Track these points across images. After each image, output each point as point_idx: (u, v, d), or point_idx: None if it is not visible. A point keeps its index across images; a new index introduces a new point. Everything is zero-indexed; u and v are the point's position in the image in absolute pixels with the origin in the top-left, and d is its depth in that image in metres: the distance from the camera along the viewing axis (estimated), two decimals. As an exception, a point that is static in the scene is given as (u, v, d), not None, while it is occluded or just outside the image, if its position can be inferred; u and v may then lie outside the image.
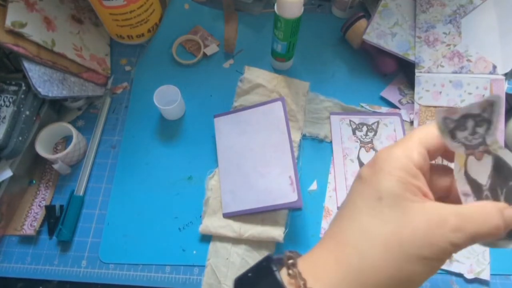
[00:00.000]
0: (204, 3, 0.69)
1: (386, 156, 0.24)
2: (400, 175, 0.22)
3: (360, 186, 0.24)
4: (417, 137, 0.24)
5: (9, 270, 0.48)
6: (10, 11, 0.47)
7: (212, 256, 0.49)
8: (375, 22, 0.59)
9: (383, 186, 0.22)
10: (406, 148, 0.23)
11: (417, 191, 0.22)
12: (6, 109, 0.48)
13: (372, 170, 0.24)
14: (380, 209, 0.22)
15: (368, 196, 0.23)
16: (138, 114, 0.59)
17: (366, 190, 0.23)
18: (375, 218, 0.22)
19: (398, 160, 0.23)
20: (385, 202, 0.22)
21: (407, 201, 0.22)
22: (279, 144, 0.51)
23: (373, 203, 0.22)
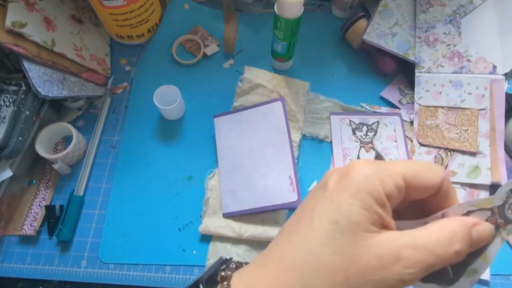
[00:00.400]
0: (204, 3, 0.69)
1: (359, 172, 0.22)
2: (365, 201, 0.20)
3: (322, 198, 0.22)
4: (402, 166, 0.22)
5: (9, 270, 0.48)
6: (10, 11, 0.47)
7: (212, 256, 0.49)
8: (375, 22, 0.59)
9: (343, 208, 0.20)
10: (384, 173, 0.21)
11: (377, 221, 0.21)
12: (6, 109, 0.48)
13: (340, 183, 0.22)
14: (334, 236, 0.20)
15: (326, 215, 0.21)
16: (138, 114, 0.59)
17: (326, 207, 0.21)
18: (326, 246, 0.20)
19: (369, 183, 0.21)
20: (340, 228, 0.20)
21: (363, 231, 0.20)
22: (279, 144, 0.51)
23: (328, 226, 0.21)
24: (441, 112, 0.56)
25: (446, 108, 0.56)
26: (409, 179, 0.21)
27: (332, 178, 0.23)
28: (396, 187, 0.21)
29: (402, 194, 0.22)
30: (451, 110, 0.55)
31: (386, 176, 0.21)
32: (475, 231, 0.20)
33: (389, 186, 0.21)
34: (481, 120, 0.54)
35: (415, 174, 0.22)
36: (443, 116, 0.55)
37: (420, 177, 0.22)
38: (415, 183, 0.22)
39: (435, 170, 0.22)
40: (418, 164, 0.22)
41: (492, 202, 0.21)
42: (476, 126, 0.54)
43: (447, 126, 0.55)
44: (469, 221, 0.21)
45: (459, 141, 0.54)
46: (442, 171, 0.22)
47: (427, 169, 0.22)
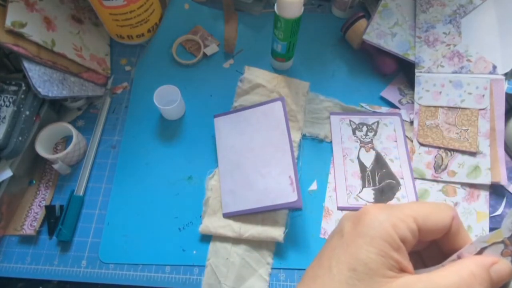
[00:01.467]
0: (204, 3, 0.69)
1: (373, 218, 0.22)
2: (380, 248, 0.21)
3: (338, 246, 0.23)
4: (412, 209, 0.22)
5: (9, 270, 0.48)
6: (10, 11, 0.47)
7: (212, 256, 0.49)
8: (375, 22, 0.59)
9: (360, 256, 0.21)
10: (395, 217, 0.22)
11: (394, 265, 0.21)
12: (6, 109, 0.48)
13: (355, 231, 0.22)
14: (353, 282, 0.21)
15: (344, 263, 0.22)
16: (138, 114, 0.59)
17: (344, 255, 0.22)
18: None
19: (383, 228, 0.21)
20: (359, 275, 0.21)
21: (381, 277, 0.21)
22: (279, 144, 0.51)
23: (347, 273, 0.21)
24: (441, 112, 0.56)
25: (446, 108, 0.56)
26: (420, 222, 0.22)
27: (347, 225, 0.23)
28: (409, 230, 0.22)
29: (416, 236, 0.22)
30: (451, 110, 0.55)
31: (398, 220, 0.22)
32: (494, 271, 0.20)
33: (402, 230, 0.21)
34: (481, 120, 0.54)
35: (426, 216, 0.22)
36: (443, 116, 0.55)
37: (431, 218, 0.22)
38: (427, 225, 0.22)
39: (445, 210, 0.23)
40: (428, 206, 0.23)
41: (501, 235, 0.21)
42: (476, 126, 0.54)
43: (447, 126, 0.55)
44: (487, 261, 0.21)
45: (459, 141, 0.54)
46: (451, 211, 0.23)
47: (437, 210, 0.23)
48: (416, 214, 0.22)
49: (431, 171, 0.53)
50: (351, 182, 0.53)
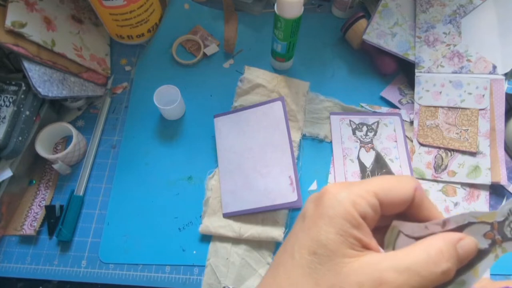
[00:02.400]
0: (204, 3, 0.69)
1: (332, 198, 0.22)
2: (339, 227, 0.20)
3: (300, 231, 0.22)
4: (373, 184, 0.22)
5: (9, 270, 0.48)
6: (10, 11, 0.47)
7: (212, 256, 0.49)
8: (375, 22, 0.59)
9: (320, 238, 0.21)
10: (356, 194, 0.21)
11: (355, 244, 0.20)
12: (6, 109, 0.48)
13: (315, 212, 0.22)
14: (314, 266, 0.20)
15: (305, 246, 0.21)
16: (138, 114, 0.59)
17: (305, 238, 0.21)
18: (308, 277, 0.20)
19: (342, 206, 0.21)
20: (320, 258, 0.20)
21: (342, 258, 0.20)
22: (279, 144, 0.51)
23: (308, 257, 0.21)
24: (441, 112, 0.56)
25: (446, 108, 0.56)
26: (381, 196, 0.22)
27: (309, 207, 0.23)
28: (369, 205, 0.21)
29: (378, 211, 0.22)
30: (451, 110, 0.55)
31: (357, 197, 0.21)
32: (460, 246, 0.20)
33: (361, 206, 0.21)
34: (481, 120, 0.54)
35: (387, 189, 0.22)
36: (443, 116, 0.55)
37: (392, 191, 0.22)
38: (388, 199, 0.22)
39: (406, 182, 0.22)
40: (389, 179, 0.22)
41: (493, 217, 0.20)
42: (476, 126, 0.54)
43: (447, 126, 0.55)
44: (454, 237, 0.20)
45: (459, 141, 0.54)
46: (413, 182, 0.22)
47: (398, 183, 0.22)
48: (376, 188, 0.22)
49: (431, 171, 0.53)
50: (351, 182, 0.53)
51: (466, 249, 0.20)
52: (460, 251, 0.20)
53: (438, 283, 0.19)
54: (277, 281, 0.22)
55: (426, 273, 0.19)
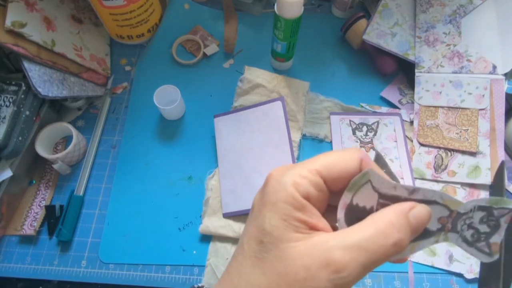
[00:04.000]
0: (204, 3, 0.69)
1: (274, 183, 0.21)
2: (282, 212, 0.20)
3: (249, 221, 0.22)
4: (315, 162, 0.21)
5: (9, 270, 0.48)
6: (10, 11, 0.47)
7: (212, 256, 0.49)
8: (375, 22, 0.59)
9: (264, 226, 0.20)
10: (298, 175, 0.20)
11: (301, 227, 0.20)
12: (6, 109, 0.48)
13: (261, 200, 0.21)
14: (261, 256, 0.20)
15: (253, 237, 0.21)
16: (138, 114, 0.59)
17: (252, 229, 0.21)
18: (256, 268, 0.20)
19: (284, 190, 0.20)
20: (266, 246, 0.20)
21: (287, 243, 0.19)
22: (279, 144, 0.51)
23: (255, 247, 0.20)
24: (441, 112, 0.56)
25: (446, 108, 0.56)
26: (324, 173, 0.21)
27: (256, 197, 0.22)
28: (312, 185, 0.20)
29: (323, 189, 0.21)
30: (451, 110, 0.55)
31: (298, 177, 0.20)
32: (412, 215, 0.19)
33: (303, 187, 0.20)
34: (481, 120, 0.54)
35: (330, 165, 0.21)
36: (443, 116, 0.55)
37: (336, 166, 0.21)
38: (333, 174, 0.21)
39: (351, 155, 0.21)
40: (332, 154, 0.21)
41: (457, 206, 0.20)
42: (476, 126, 0.54)
43: (447, 126, 0.55)
44: (405, 206, 0.20)
45: (459, 141, 0.54)
46: (357, 153, 0.22)
47: (341, 157, 0.21)
48: (318, 166, 0.21)
49: (431, 171, 0.53)
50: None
51: (418, 217, 0.20)
52: (412, 219, 0.19)
53: (391, 255, 0.19)
54: (230, 275, 0.21)
55: (374, 246, 0.18)
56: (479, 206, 0.20)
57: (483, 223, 0.20)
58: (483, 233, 0.20)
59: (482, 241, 0.20)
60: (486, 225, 0.20)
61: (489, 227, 0.20)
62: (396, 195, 0.21)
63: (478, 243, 0.20)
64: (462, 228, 0.20)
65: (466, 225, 0.20)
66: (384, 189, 0.21)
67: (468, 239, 0.20)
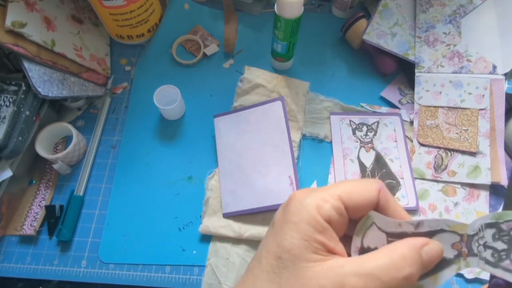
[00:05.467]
0: (204, 3, 0.69)
1: (297, 203, 0.22)
2: (304, 232, 0.21)
3: (269, 236, 0.23)
4: (337, 188, 0.22)
5: (9, 270, 0.48)
6: (10, 11, 0.47)
7: (212, 256, 0.49)
8: (375, 22, 0.59)
9: (284, 243, 0.21)
10: (320, 198, 0.22)
11: (320, 248, 0.21)
12: (6, 109, 0.48)
13: (282, 217, 0.22)
14: (278, 272, 0.21)
15: (271, 252, 0.22)
16: (138, 114, 0.59)
17: (271, 244, 0.22)
18: (272, 283, 0.21)
19: (306, 211, 0.21)
20: (284, 263, 0.21)
21: (305, 263, 0.20)
22: (279, 144, 0.51)
23: (273, 262, 0.21)
24: (441, 112, 0.56)
25: (446, 108, 0.56)
26: (345, 199, 0.22)
27: (278, 213, 0.23)
28: (334, 209, 0.21)
29: (344, 215, 0.22)
30: (451, 110, 0.55)
31: (321, 201, 0.21)
32: (424, 252, 0.20)
33: (326, 210, 0.21)
34: (481, 120, 0.54)
35: (351, 192, 0.22)
36: (443, 116, 0.55)
37: (356, 194, 0.22)
38: (353, 201, 0.22)
39: (369, 184, 0.23)
40: (353, 182, 0.23)
41: (465, 229, 0.20)
42: (476, 126, 0.54)
43: (447, 126, 0.55)
44: (418, 242, 0.20)
45: (459, 141, 0.54)
46: (376, 184, 0.23)
47: (361, 185, 0.23)
48: (340, 192, 0.22)
49: (431, 171, 0.53)
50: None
51: (430, 254, 0.20)
52: (425, 256, 0.20)
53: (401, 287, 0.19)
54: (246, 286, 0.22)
55: (387, 278, 0.19)
56: (486, 224, 0.20)
57: (497, 240, 0.20)
58: (502, 250, 0.20)
59: (504, 259, 0.19)
60: (501, 241, 0.20)
61: (505, 242, 0.19)
62: (403, 231, 0.21)
63: (502, 263, 0.19)
64: (479, 250, 0.20)
65: (482, 245, 0.20)
66: (390, 229, 0.22)
67: (490, 260, 0.20)
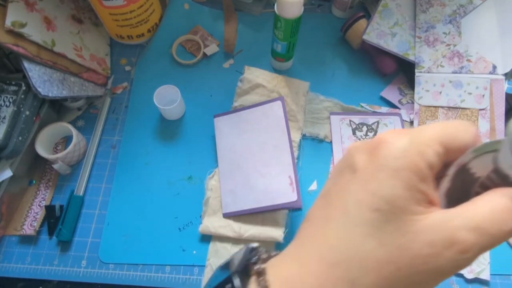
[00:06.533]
0: (204, 3, 0.69)
1: (392, 147, 0.19)
2: (407, 181, 0.18)
3: (352, 184, 0.20)
4: (435, 132, 0.19)
5: (9, 270, 0.48)
6: (10, 11, 0.47)
7: (212, 256, 0.49)
8: (375, 22, 0.59)
9: (383, 193, 0.18)
10: (419, 143, 0.19)
11: (422, 199, 0.18)
12: (6, 109, 0.48)
13: (372, 164, 0.19)
14: (377, 225, 0.18)
15: (364, 202, 0.19)
16: (138, 114, 0.59)
17: (362, 193, 0.19)
18: (371, 237, 0.18)
19: (408, 157, 0.18)
20: (384, 215, 0.18)
21: (410, 215, 0.18)
22: (279, 144, 0.51)
23: (369, 215, 0.19)
24: (441, 112, 0.56)
25: (446, 108, 0.56)
26: (446, 144, 0.19)
27: (360, 158, 0.20)
28: (436, 155, 0.19)
29: (442, 161, 0.20)
30: (451, 110, 0.55)
31: (423, 146, 0.19)
32: None
33: (429, 156, 0.18)
34: (481, 120, 0.54)
35: (451, 136, 0.20)
36: (443, 116, 0.55)
37: (457, 139, 0.20)
38: (453, 147, 0.19)
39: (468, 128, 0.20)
40: (451, 125, 0.20)
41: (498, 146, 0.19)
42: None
43: (447, 126, 0.55)
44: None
45: (459, 141, 0.54)
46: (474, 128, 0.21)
47: (461, 129, 0.20)
48: (440, 136, 0.19)
49: (431, 171, 0.53)
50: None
51: None
52: None
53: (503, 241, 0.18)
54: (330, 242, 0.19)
55: (494, 231, 0.17)
56: None
57: None
58: None
59: None
60: None
61: None
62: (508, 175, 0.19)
63: None
64: None
65: None
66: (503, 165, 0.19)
67: None
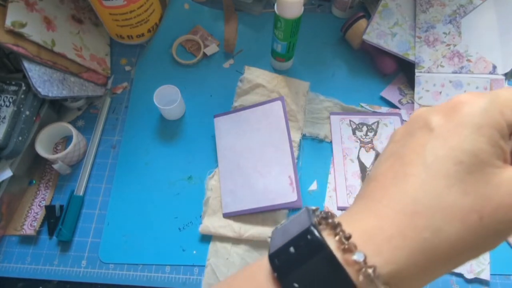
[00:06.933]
0: (204, 3, 0.69)
1: (473, 106, 0.20)
2: (490, 136, 0.19)
3: (431, 141, 0.20)
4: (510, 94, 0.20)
5: (9, 270, 0.48)
6: (10, 11, 0.47)
7: (212, 256, 0.49)
8: (375, 22, 0.59)
9: (466, 147, 0.19)
10: (499, 103, 0.20)
11: (501, 155, 0.19)
12: (6, 109, 0.48)
13: (452, 123, 0.20)
14: (461, 177, 0.19)
15: (446, 156, 0.19)
16: (138, 114, 0.59)
17: (441, 148, 0.20)
18: (454, 187, 0.19)
19: (489, 115, 0.19)
20: (468, 167, 0.19)
21: (492, 168, 0.19)
22: (279, 144, 0.51)
23: (452, 167, 0.19)
24: (441, 112, 0.56)
25: None
26: None
27: (436, 118, 0.21)
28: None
29: None
30: (451, 110, 0.55)
31: (504, 106, 0.20)
32: None
33: (509, 116, 0.20)
34: (481, 120, 0.54)
35: None
36: (443, 116, 0.55)
37: None
38: None
39: None
40: None
41: None
42: None
43: (447, 126, 0.55)
44: None
45: (459, 141, 0.54)
46: None
47: None
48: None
49: (431, 171, 0.53)
50: (351, 182, 0.53)
51: None
52: None
53: None
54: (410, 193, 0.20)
55: None
56: None
57: None
58: None
59: None
60: None
61: None
62: None
63: None
64: None
65: None
66: None
67: None
